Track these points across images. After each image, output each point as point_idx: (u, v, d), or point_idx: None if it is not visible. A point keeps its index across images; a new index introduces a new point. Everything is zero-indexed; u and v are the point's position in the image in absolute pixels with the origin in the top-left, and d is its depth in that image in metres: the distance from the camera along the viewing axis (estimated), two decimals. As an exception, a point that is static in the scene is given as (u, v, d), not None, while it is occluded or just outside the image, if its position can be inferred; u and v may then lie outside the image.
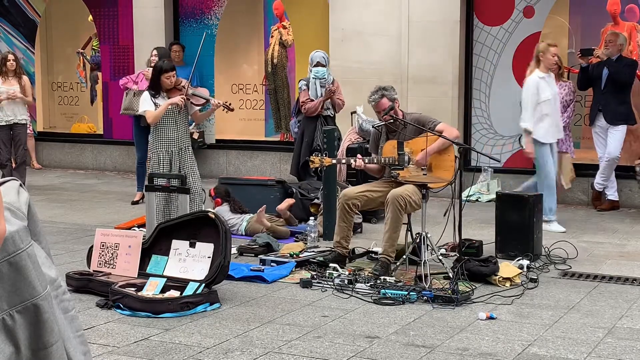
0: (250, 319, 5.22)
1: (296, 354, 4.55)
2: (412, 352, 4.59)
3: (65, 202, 10.04)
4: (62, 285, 1.76)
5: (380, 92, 6.59)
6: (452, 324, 5.13)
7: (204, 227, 5.79)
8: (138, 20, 12.28)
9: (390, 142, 6.56)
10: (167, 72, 7.20)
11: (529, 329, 5.02)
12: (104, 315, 5.34)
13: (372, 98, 6.63)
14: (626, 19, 9.77)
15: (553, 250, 6.93)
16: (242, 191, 8.56)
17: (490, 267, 6.09)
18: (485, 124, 10.47)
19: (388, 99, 6.57)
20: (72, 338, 1.74)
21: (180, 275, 5.72)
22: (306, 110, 9.03)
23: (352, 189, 6.72)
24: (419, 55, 10.27)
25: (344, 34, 10.77)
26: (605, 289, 5.98)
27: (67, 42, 13.58)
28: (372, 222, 8.27)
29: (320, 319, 5.24)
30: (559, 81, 9.48)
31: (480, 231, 7.86)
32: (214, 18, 12.11)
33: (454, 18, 10.21)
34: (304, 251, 6.92)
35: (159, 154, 7.22)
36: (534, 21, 10.16)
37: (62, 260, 6.74)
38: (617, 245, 7.54)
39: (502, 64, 10.34)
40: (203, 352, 4.59)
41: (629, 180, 9.52)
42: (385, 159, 6.50)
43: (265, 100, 11.92)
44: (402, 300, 5.57)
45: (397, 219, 6.21)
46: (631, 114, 9.26)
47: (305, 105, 9.04)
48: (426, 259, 6.02)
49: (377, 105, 6.58)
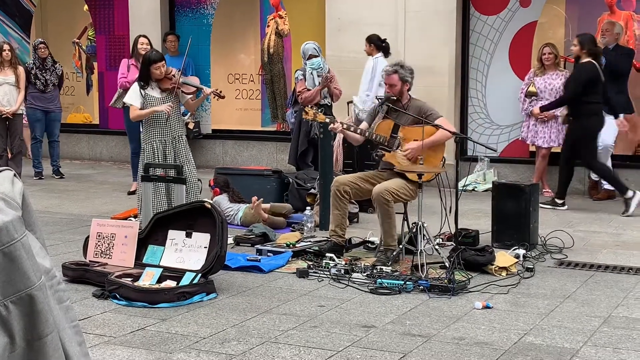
0: (247, 309, 5.23)
1: (293, 344, 4.55)
2: (408, 341, 4.60)
3: (62, 192, 10.03)
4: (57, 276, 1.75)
5: (396, 68, 6.58)
6: (448, 313, 5.14)
7: (200, 217, 5.78)
8: (134, 9, 12.24)
9: (387, 122, 6.57)
10: (156, 62, 7.17)
11: (525, 318, 5.03)
12: (100, 305, 5.34)
13: (386, 69, 6.64)
14: (622, 8, 9.77)
15: (549, 239, 6.93)
16: (239, 181, 8.55)
17: (487, 257, 6.09)
18: (482, 113, 10.47)
19: (400, 76, 6.55)
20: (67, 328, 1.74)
21: (176, 266, 5.72)
22: (303, 99, 9.01)
23: (344, 176, 6.75)
24: (415, 45, 10.25)
25: (340, 23, 10.75)
26: (601, 278, 5.99)
27: (63, 31, 13.55)
28: (368, 211, 8.27)
29: (317, 308, 5.24)
30: (556, 71, 9.50)
31: (476, 221, 7.87)
32: (209, 7, 12.07)
33: (450, 7, 10.19)
34: (301, 241, 6.92)
35: (153, 144, 7.20)
36: (531, 10, 10.15)
37: (58, 251, 6.73)
38: (613, 235, 7.55)
39: (498, 53, 10.33)
40: (200, 342, 4.59)
41: (625, 170, 9.53)
42: (376, 136, 6.51)
43: (261, 90, 11.91)
44: (398, 290, 5.57)
45: (385, 212, 6.24)
46: (629, 103, 9.27)
47: (302, 95, 9.02)
48: (422, 248, 6.02)
49: (387, 77, 6.58)
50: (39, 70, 10.81)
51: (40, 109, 10.86)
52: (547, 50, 9.45)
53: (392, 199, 6.24)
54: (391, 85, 6.54)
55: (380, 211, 6.26)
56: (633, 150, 9.85)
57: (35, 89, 10.79)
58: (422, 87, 10.13)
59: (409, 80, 6.62)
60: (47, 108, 10.90)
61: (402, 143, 6.48)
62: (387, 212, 6.24)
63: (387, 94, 6.60)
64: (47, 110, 10.93)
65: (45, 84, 10.82)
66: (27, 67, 10.87)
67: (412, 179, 6.33)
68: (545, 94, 9.48)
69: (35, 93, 10.81)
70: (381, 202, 6.21)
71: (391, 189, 6.25)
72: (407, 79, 6.59)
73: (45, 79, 10.83)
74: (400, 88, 6.55)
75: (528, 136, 9.69)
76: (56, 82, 10.96)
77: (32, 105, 10.83)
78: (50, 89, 10.88)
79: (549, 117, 9.43)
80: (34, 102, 10.82)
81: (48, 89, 10.85)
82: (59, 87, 11.19)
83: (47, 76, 10.84)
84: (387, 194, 6.20)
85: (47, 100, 10.88)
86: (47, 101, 10.88)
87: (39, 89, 10.80)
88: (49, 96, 10.89)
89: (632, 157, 9.82)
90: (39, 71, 10.80)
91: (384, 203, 6.20)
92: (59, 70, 11.04)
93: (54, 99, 10.98)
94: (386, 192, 6.21)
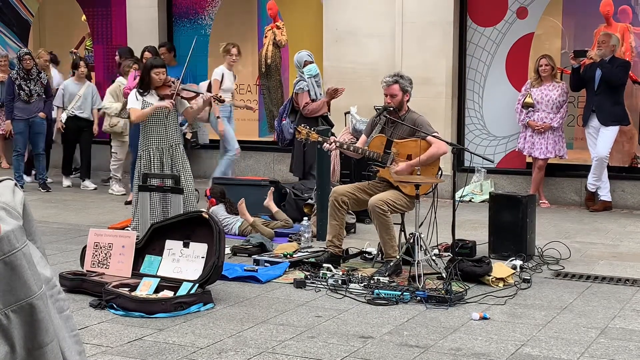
0: (244, 319, 5.22)
1: (290, 354, 4.55)
2: (405, 352, 4.60)
3: (59, 202, 10.02)
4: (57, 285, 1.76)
5: (396, 78, 6.58)
6: (445, 324, 5.14)
7: (198, 228, 5.78)
8: (131, 20, 12.27)
9: (379, 137, 6.57)
10: (158, 67, 7.17)
11: (522, 329, 5.03)
12: (98, 315, 5.33)
13: (386, 80, 6.61)
14: (619, 20, 9.81)
15: (546, 250, 6.94)
16: (236, 191, 8.55)
17: (484, 268, 6.10)
18: (479, 124, 10.49)
19: (400, 87, 6.55)
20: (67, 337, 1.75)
21: (173, 276, 5.71)
22: (309, 111, 8.99)
23: (342, 187, 6.76)
24: (413, 56, 10.29)
25: (338, 34, 10.78)
26: (598, 289, 6.00)
27: (61, 41, 13.55)
28: (365, 222, 8.28)
29: (314, 319, 5.24)
30: (552, 82, 9.53)
31: (473, 231, 7.88)
32: (207, 18, 12.10)
33: (447, 19, 10.23)
34: (298, 251, 6.92)
35: (150, 152, 7.20)
36: (527, 22, 10.19)
37: (56, 260, 6.72)
38: (609, 246, 7.56)
39: (495, 65, 10.36)
40: (197, 352, 4.58)
41: (621, 181, 9.56)
42: (369, 153, 6.52)
43: (259, 101, 11.92)
44: (395, 301, 5.57)
45: (383, 224, 6.25)
46: (625, 114, 9.30)
47: (307, 107, 8.99)
48: (420, 259, 6.02)
49: (388, 88, 6.57)
50: (23, 80, 10.67)
51: (23, 119, 10.72)
52: (543, 62, 9.48)
53: (389, 210, 6.24)
54: (392, 96, 6.54)
55: (378, 222, 6.27)
56: (629, 162, 9.87)
57: (19, 99, 10.72)
58: (419, 98, 10.15)
59: (409, 90, 6.63)
60: (31, 117, 10.71)
61: (395, 159, 6.49)
62: (385, 222, 6.25)
63: (387, 104, 6.59)
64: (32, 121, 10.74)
65: (30, 94, 10.66)
66: (11, 78, 10.80)
67: (408, 193, 6.33)
68: (542, 105, 9.51)
69: (19, 104, 10.73)
70: (377, 213, 6.21)
71: (387, 199, 6.26)
72: (408, 88, 6.60)
73: (30, 89, 10.68)
74: (401, 98, 6.56)
75: (525, 147, 9.71)
76: (41, 92, 10.79)
77: (16, 116, 10.74)
78: (34, 99, 10.73)
79: (545, 128, 9.46)
80: (17, 112, 10.73)
81: (32, 99, 10.69)
82: (48, 94, 11.02)
83: (32, 86, 10.69)
84: (383, 205, 6.21)
85: (31, 111, 10.73)
86: (31, 112, 10.75)
87: (23, 100, 10.70)
88: (33, 107, 10.74)
89: (628, 168, 9.84)
90: (23, 81, 10.66)
91: (380, 214, 6.21)
92: (44, 80, 10.86)
93: (39, 109, 10.80)
94: (382, 203, 6.21)
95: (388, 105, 6.56)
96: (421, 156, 6.31)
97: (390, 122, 6.59)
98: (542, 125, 9.46)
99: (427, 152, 6.39)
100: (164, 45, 11.42)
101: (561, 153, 9.57)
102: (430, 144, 6.43)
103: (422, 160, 6.33)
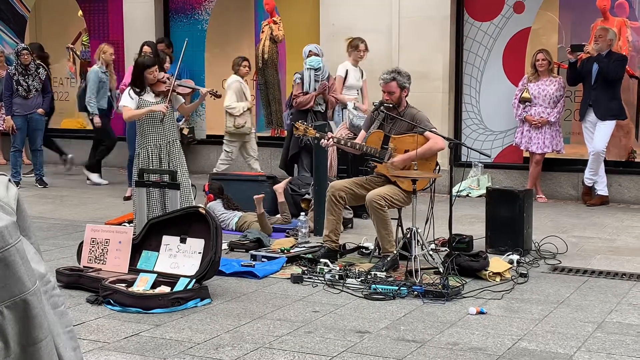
0: (241, 315, 5.22)
1: (287, 349, 4.55)
2: (402, 347, 4.60)
3: (56, 198, 10.01)
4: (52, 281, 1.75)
5: (393, 75, 6.55)
6: (442, 318, 5.14)
7: (195, 223, 5.78)
8: (128, 15, 12.24)
9: (377, 133, 6.56)
10: (150, 67, 7.16)
11: (519, 324, 5.04)
12: (94, 311, 5.33)
13: (383, 77, 6.58)
14: (616, 14, 9.80)
15: (543, 245, 6.95)
16: (233, 187, 8.55)
17: (481, 262, 6.10)
18: (476, 119, 10.49)
19: (398, 84, 6.54)
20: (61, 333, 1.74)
21: (170, 271, 5.71)
22: (297, 103, 9.03)
23: (340, 182, 6.75)
24: (410, 51, 10.28)
25: (335, 29, 10.76)
26: (594, 284, 6.00)
27: (57, 37, 13.53)
28: (363, 217, 8.28)
29: (311, 314, 5.24)
30: (549, 77, 9.53)
31: (470, 226, 7.88)
32: (204, 13, 12.08)
33: (444, 13, 10.22)
34: (295, 247, 6.92)
35: (147, 148, 7.19)
36: (524, 16, 10.18)
37: (52, 256, 6.72)
38: (606, 240, 7.57)
39: (492, 59, 10.35)
40: (194, 348, 4.58)
41: (618, 175, 9.56)
42: (367, 148, 6.52)
43: (256, 96, 11.90)
44: (392, 295, 5.57)
45: (380, 218, 6.24)
46: (622, 109, 9.30)
47: (297, 98, 9.04)
48: (417, 254, 6.03)
49: (385, 85, 6.56)
50: (21, 76, 10.65)
51: (21, 115, 10.71)
52: (540, 57, 9.48)
53: (386, 205, 6.24)
54: (389, 93, 6.53)
55: (375, 217, 6.26)
56: (626, 157, 9.88)
57: (17, 95, 10.70)
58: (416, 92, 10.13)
59: (407, 86, 6.61)
60: (29, 113, 10.69)
61: (392, 154, 6.48)
62: (382, 217, 6.24)
63: (384, 100, 6.57)
64: (30, 117, 10.73)
65: (28, 89, 10.64)
66: (10, 73, 10.78)
67: (406, 188, 6.33)
68: (539, 100, 9.51)
69: (18, 99, 10.72)
70: (375, 208, 6.21)
71: (385, 194, 6.25)
72: (406, 85, 6.58)
73: (28, 85, 10.66)
74: (399, 95, 6.55)
75: (522, 142, 9.71)
76: (39, 87, 10.76)
77: (15, 112, 10.72)
78: (33, 95, 10.70)
79: (542, 123, 9.46)
80: (16, 108, 10.71)
81: (31, 94, 10.68)
82: (46, 90, 10.98)
83: (30, 81, 10.67)
84: (380, 200, 6.20)
85: (30, 106, 10.72)
86: (30, 108, 10.74)
87: (22, 95, 10.68)
88: (31, 102, 10.73)
89: (625, 162, 9.84)
90: (21, 77, 10.64)
91: (377, 209, 6.21)
92: (42, 75, 10.83)
93: (37, 105, 10.79)
94: (379, 198, 6.21)
95: (384, 101, 6.55)
96: (418, 149, 6.30)
97: (390, 118, 6.59)
98: (539, 120, 9.46)
99: (423, 146, 6.39)
100: (163, 42, 11.40)
101: (558, 148, 9.57)
102: (428, 139, 6.43)
103: (419, 154, 6.32)
